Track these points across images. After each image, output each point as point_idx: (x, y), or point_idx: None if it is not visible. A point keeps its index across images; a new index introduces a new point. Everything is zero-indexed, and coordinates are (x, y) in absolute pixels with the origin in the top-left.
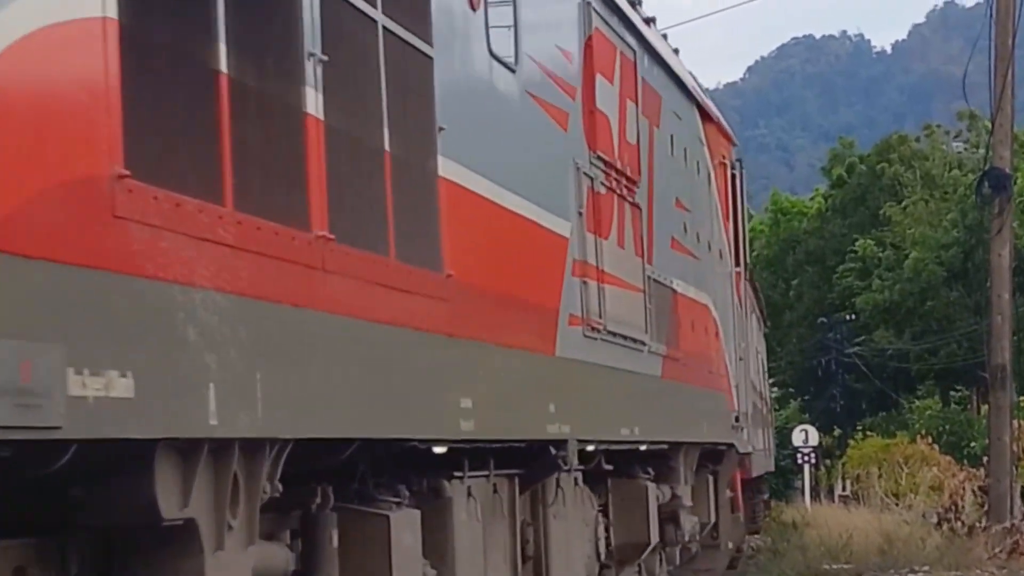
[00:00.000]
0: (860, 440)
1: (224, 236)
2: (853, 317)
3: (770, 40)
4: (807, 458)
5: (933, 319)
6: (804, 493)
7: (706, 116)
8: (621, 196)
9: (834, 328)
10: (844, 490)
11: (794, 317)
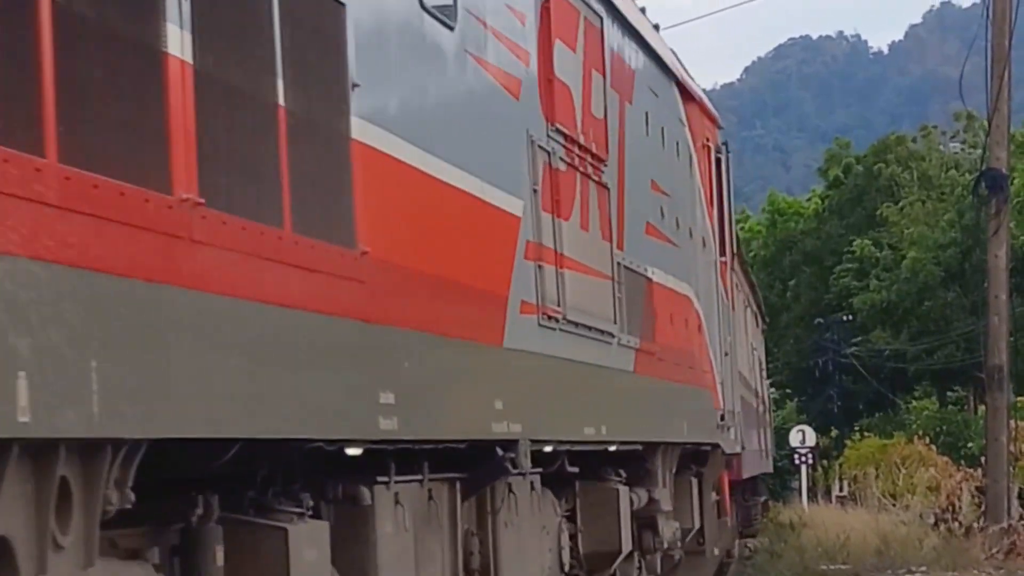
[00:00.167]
0: (857, 441)
1: (43, 193)
2: (850, 318)
3: (767, 41)
4: (804, 459)
5: (930, 320)
6: (801, 494)
7: (687, 95)
8: (585, 174)
9: (831, 329)
10: (841, 491)
11: (791, 318)
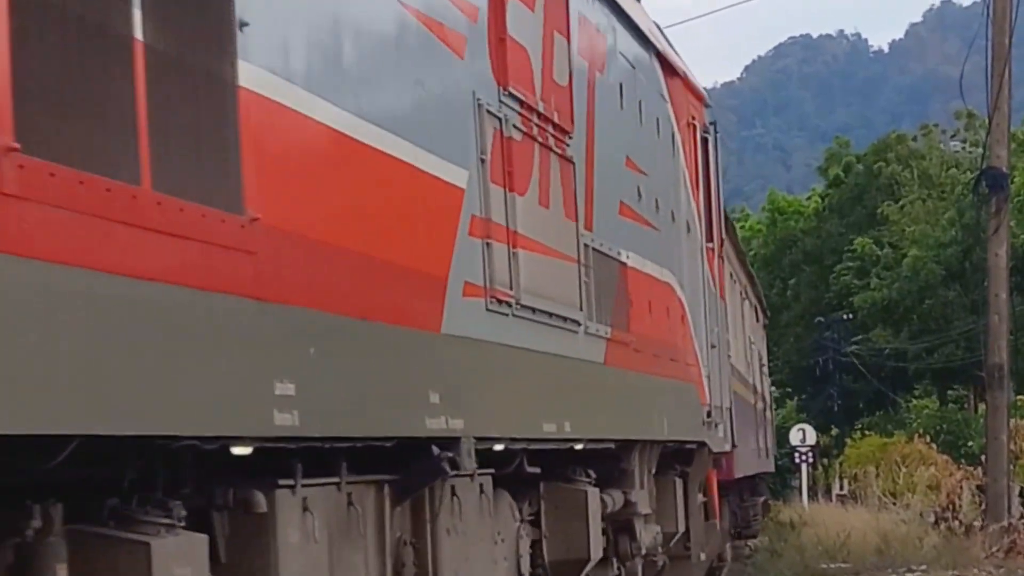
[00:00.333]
0: (858, 439)
1: None
2: (850, 316)
3: (767, 40)
4: (805, 457)
5: (931, 318)
6: (802, 492)
7: (670, 69)
8: (545, 146)
9: (831, 327)
10: (841, 489)
11: (791, 317)
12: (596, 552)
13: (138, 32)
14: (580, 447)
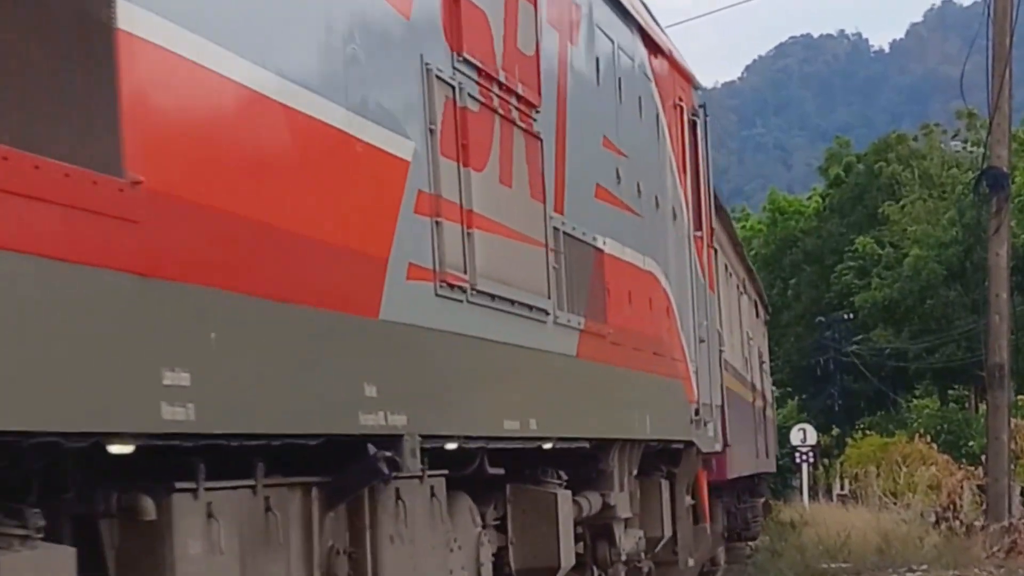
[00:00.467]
0: (858, 439)
1: None
2: (851, 316)
3: (768, 40)
4: (805, 457)
5: (931, 318)
6: (802, 492)
7: (654, 47)
8: (508, 119)
9: (832, 327)
10: (842, 489)
11: (792, 316)
12: (567, 560)
13: None
14: (549, 446)
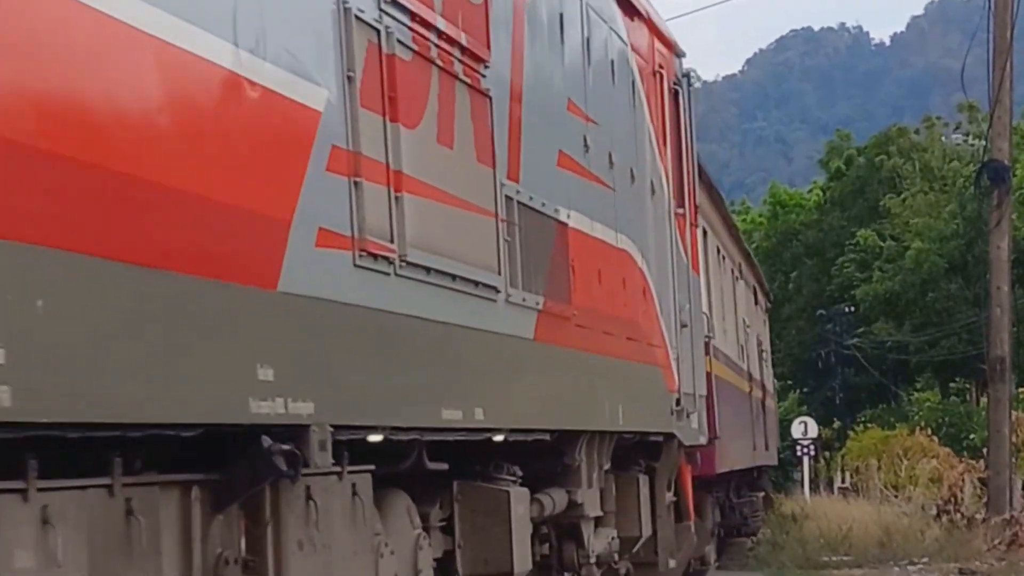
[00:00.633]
0: (859, 432)
1: None
2: (852, 309)
3: (768, 33)
4: (806, 450)
5: (933, 311)
6: (803, 485)
7: (630, 8)
8: (449, 73)
9: (833, 320)
10: (843, 482)
11: (793, 309)
12: (522, 564)
13: None
14: (500, 439)
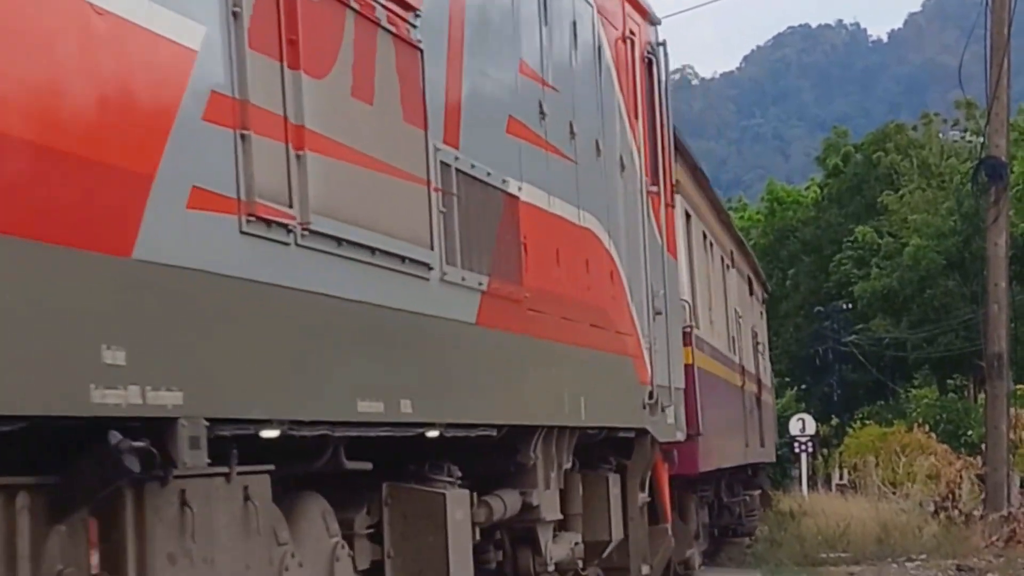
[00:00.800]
0: (857, 429)
1: None
2: (850, 306)
3: (766, 30)
4: (804, 447)
5: (930, 308)
6: (801, 482)
7: None
8: (369, 19)
9: (831, 317)
10: (841, 479)
11: (791, 306)
12: (461, 575)
13: None
14: (435, 435)
